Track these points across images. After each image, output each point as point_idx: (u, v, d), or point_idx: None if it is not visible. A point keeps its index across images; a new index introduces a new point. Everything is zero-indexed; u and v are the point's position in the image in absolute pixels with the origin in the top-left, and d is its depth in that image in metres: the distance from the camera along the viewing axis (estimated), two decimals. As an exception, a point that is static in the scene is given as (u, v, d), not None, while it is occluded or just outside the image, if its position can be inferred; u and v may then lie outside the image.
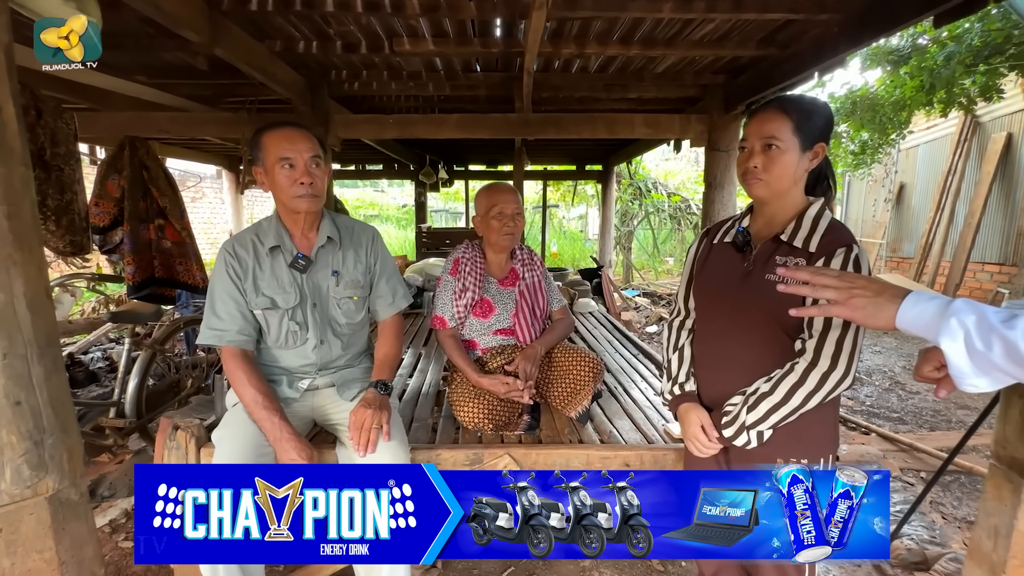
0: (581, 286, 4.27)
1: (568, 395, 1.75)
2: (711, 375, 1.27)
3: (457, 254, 1.84)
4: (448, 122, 3.50)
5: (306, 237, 1.50)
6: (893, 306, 0.74)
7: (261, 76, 2.64)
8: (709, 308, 1.27)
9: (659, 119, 3.51)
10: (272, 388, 1.43)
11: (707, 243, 1.32)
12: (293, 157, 1.36)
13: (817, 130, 1.12)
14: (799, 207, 1.16)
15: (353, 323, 1.55)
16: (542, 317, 1.87)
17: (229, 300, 1.41)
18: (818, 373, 1.05)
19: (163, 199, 2.33)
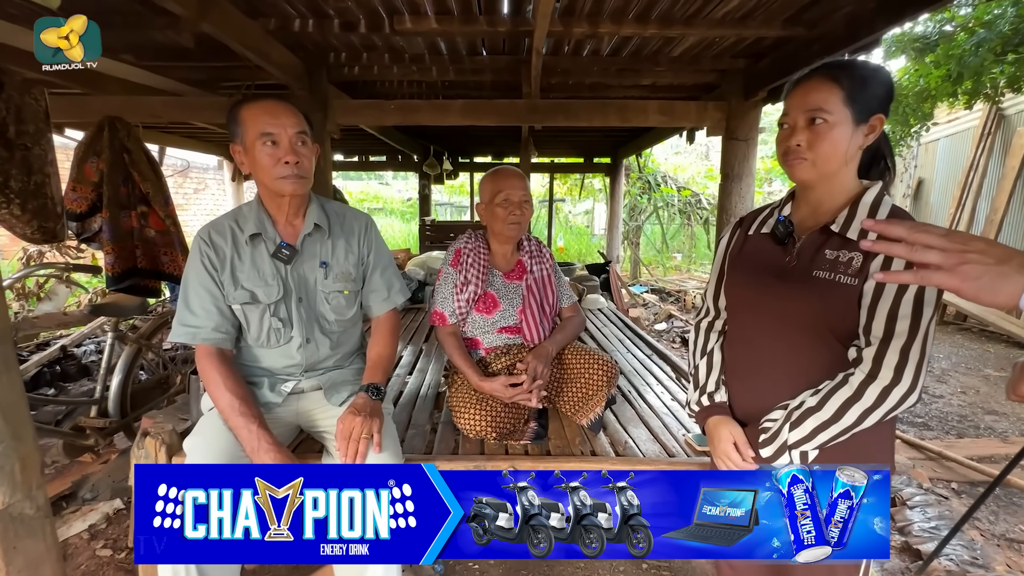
0: (589, 281, 4.11)
1: (579, 401, 1.60)
2: (746, 385, 1.11)
3: (459, 244, 1.69)
4: (452, 108, 3.33)
5: (291, 224, 1.35)
6: (1023, 278, 0.56)
7: (255, 56, 2.49)
8: (744, 308, 1.12)
9: (674, 106, 3.33)
10: (252, 391, 1.29)
11: (741, 234, 1.16)
12: (276, 133, 1.21)
13: (874, 99, 0.95)
14: (851, 192, 0.99)
15: (343, 320, 1.40)
16: (551, 314, 1.72)
17: (204, 293, 1.27)
18: (878, 387, 0.89)
19: (145, 184, 2.18)
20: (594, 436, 1.57)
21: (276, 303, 1.31)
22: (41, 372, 3.46)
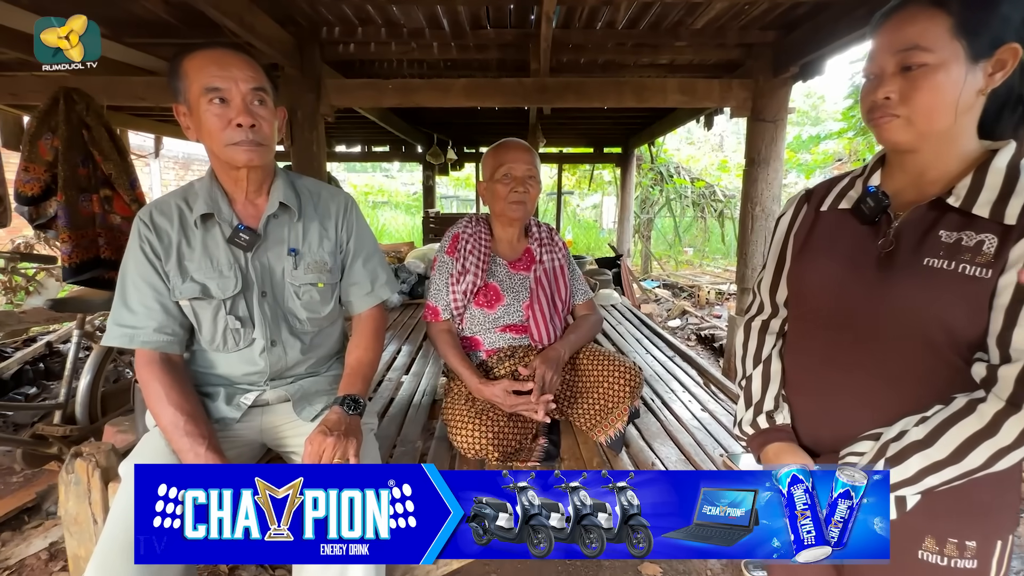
0: (602, 275, 3.86)
1: (597, 414, 1.36)
2: (817, 403, 0.87)
3: (456, 228, 1.46)
4: (455, 88, 3.09)
5: (252, 203, 1.12)
6: None
7: (237, 27, 2.26)
8: (816, 304, 0.87)
9: (695, 84, 3.06)
10: (202, 405, 1.07)
11: (809, 211, 0.91)
12: (225, 88, 0.98)
13: (1001, 23, 0.69)
14: (971, 154, 0.75)
15: (317, 318, 1.18)
16: (563, 311, 1.48)
17: (144, 287, 1.05)
18: (1020, 420, 0.64)
19: (107, 165, 1.95)
20: (615, 455, 1.33)
21: (233, 298, 1.09)
22: (23, 370, 3.28)
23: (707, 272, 8.30)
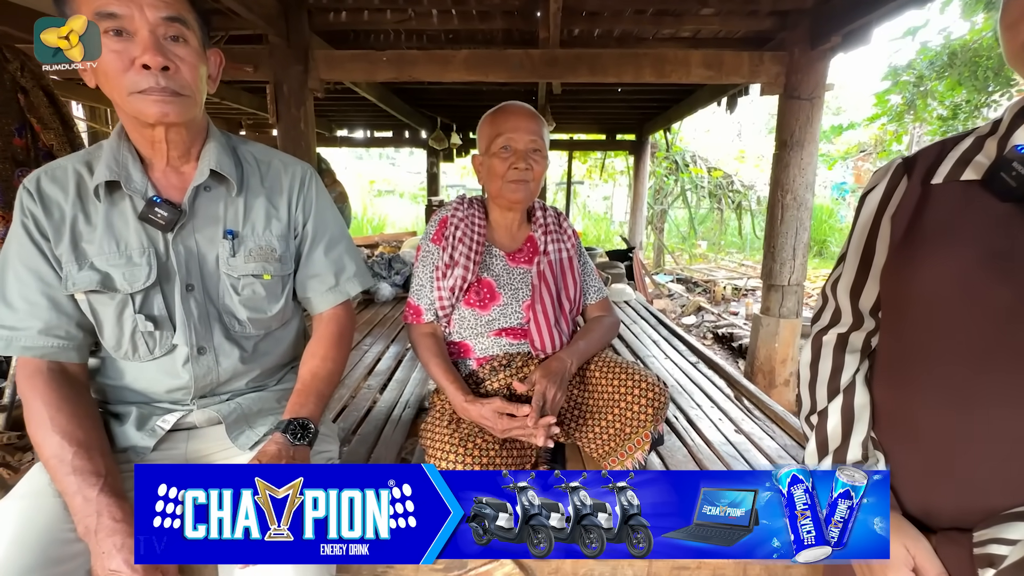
0: (614, 269, 3.58)
1: (612, 439, 1.10)
2: (933, 457, 0.62)
3: (444, 212, 1.20)
4: (455, 60, 2.81)
5: (176, 171, 0.88)
6: None
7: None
8: (932, 317, 0.61)
9: (722, 57, 2.76)
10: (109, 429, 0.83)
11: (912, 185, 0.65)
12: (125, 15, 0.74)
13: None
14: None
15: (263, 318, 0.93)
16: (571, 313, 1.22)
17: (28, 276, 0.82)
18: None
19: (48, 135, 1.70)
20: (632, 492, 1.07)
21: (145, 292, 0.85)
22: (-2, 362, 3.09)
23: (722, 267, 7.97)
